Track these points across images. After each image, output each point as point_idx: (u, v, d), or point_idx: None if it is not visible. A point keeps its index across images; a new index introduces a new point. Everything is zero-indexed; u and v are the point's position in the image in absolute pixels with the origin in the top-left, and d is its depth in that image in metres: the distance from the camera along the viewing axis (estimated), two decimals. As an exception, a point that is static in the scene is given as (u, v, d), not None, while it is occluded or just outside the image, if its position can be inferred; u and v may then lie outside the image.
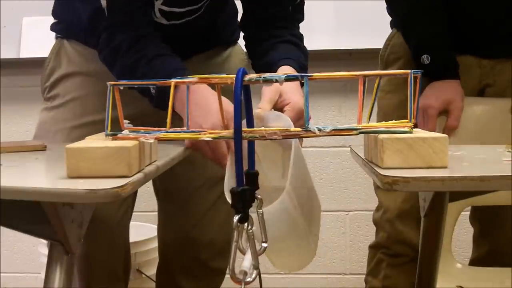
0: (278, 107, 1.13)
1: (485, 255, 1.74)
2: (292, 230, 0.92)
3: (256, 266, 0.77)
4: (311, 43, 1.40)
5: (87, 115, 1.31)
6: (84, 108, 1.32)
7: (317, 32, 1.31)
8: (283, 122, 0.96)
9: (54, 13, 1.40)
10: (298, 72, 1.22)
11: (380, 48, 2.31)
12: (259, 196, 0.80)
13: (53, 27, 1.41)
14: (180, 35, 1.30)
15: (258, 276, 0.78)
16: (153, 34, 1.20)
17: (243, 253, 0.78)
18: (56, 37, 1.41)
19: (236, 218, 0.73)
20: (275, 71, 1.21)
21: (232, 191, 0.73)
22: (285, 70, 1.21)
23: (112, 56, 1.18)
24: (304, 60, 1.29)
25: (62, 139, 1.29)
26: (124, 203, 1.37)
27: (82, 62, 1.34)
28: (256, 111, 1.02)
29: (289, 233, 0.92)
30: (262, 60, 1.29)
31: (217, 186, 1.42)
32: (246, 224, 0.74)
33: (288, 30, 1.33)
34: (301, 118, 1.12)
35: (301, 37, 1.35)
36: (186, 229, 1.45)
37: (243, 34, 1.39)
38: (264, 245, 0.81)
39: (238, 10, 1.45)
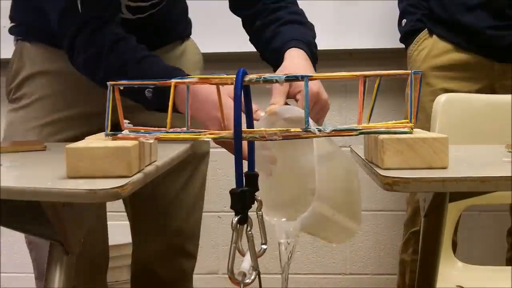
0: (291, 96, 1.09)
1: None
2: (331, 224, 0.92)
3: (255, 268, 0.77)
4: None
5: (58, 112, 1.32)
6: (54, 105, 1.32)
7: (317, 32, 1.30)
8: (295, 112, 0.95)
9: (12, 17, 1.41)
10: (307, 50, 1.18)
11: (380, 48, 2.33)
12: (258, 198, 0.80)
13: (12, 31, 1.42)
14: (143, 30, 1.30)
15: (258, 277, 0.78)
16: (129, 35, 1.18)
17: (242, 254, 0.78)
18: (16, 40, 1.41)
19: (235, 219, 0.73)
20: (282, 57, 1.17)
21: (231, 192, 0.73)
22: (293, 54, 1.17)
23: (93, 62, 1.15)
24: (310, 36, 1.24)
25: (33, 137, 1.30)
26: None
27: (46, 62, 1.35)
28: (269, 107, 1.01)
29: (329, 226, 0.93)
30: (268, 50, 1.25)
31: (183, 172, 1.44)
32: (245, 225, 0.74)
33: (285, 10, 1.28)
34: (317, 103, 1.09)
35: (301, 13, 1.30)
36: (155, 217, 1.47)
37: (248, 35, 1.36)
38: (264, 246, 0.81)
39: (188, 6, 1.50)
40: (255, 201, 0.79)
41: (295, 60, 1.15)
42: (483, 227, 2.38)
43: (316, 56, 1.23)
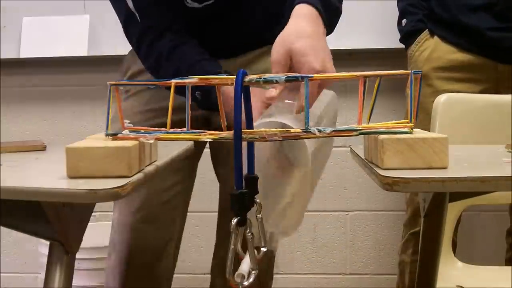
0: (292, 71, 0.99)
1: None
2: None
3: (254, 270, 0.77)
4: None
5: (152, 103, 1.44)
6: (150, 97, 1.45)
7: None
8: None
9: None
10: (322, 11, 1.08)
11: (380, 48, 2.32)
12: (258, 201, 0.80)
13: None
14: (220, 26, 1.33)
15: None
16: (190, 41, 1.27)
17: (241, 257, 0.78)
18: None
19: (234, 221, 0.73)
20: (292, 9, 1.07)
21: (230, 194, 0.73)
22: (299, 12, 1.06)
23: (154, 68, 1.31)
24: None
25: (134, 119, 1.36)
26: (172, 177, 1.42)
27: None
28: (271, 93, 0.94)
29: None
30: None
31: None
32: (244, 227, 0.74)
33: None
34: (323, 85, 0.99)
35: None
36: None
37: None
38: (263, 249, 0.81)
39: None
40: (255, 204, 0.79)
41: (301, 25, 1.04)
42: (483, 227, 2.38)
43: (332, 7, 1.14)
